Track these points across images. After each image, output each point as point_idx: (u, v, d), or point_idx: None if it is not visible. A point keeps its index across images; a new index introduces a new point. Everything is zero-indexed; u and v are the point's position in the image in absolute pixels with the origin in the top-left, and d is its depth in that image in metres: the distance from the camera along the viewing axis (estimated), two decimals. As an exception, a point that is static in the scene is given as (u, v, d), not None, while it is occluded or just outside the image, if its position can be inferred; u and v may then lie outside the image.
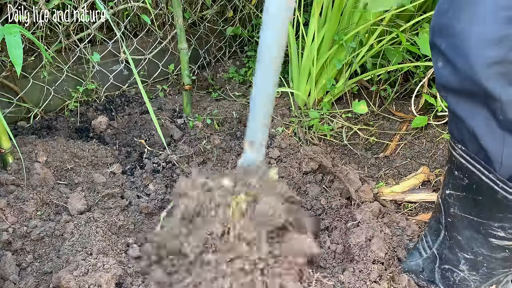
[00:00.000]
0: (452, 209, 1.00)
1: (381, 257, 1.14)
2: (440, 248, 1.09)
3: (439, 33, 0.83)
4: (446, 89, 0.87)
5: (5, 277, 1.09)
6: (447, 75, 0.83)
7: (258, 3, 2.26)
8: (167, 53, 2.04)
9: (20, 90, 1.68)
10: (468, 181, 0.93)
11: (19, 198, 1.27)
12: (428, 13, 1.65)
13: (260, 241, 0.70)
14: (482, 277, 1.03)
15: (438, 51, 0.84)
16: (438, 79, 0.87)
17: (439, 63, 0.85)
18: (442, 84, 0.87)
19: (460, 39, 0.78)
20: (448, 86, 0.85)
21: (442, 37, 0.82)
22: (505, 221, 0.91)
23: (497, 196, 0.88)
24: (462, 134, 0.90)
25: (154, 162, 1.55)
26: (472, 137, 0.87)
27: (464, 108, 0.85)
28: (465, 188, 0.95)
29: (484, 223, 0.94)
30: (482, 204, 0.92)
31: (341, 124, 1.82)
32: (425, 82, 1.80)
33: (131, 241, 1.21)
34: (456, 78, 0.81)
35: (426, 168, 1.58)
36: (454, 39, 0.79)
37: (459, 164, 0.93)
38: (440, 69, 0.85)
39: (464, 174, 0.93)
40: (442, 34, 0.82)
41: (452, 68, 0.82)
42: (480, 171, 0.89)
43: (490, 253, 0.98)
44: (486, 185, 0.89)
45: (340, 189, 1.44)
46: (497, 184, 0.87)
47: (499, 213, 0.91)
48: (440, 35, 0.83)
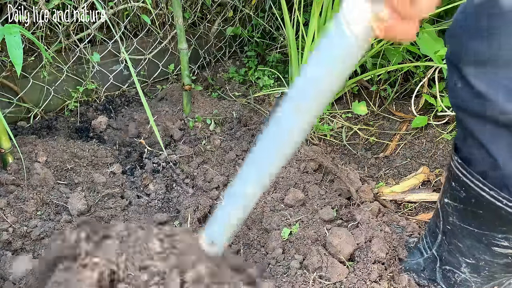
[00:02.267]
0: (451, 218, 0.97)
1: (382, 257, 1.14)
2: (439, 251, 1.08)
3: (459, 53, 0.75)
4: (462, 110, 0.80)
5: (5, 277, 1.09)
6: (467, 98, 0.76)
7: (258, 3, 2.26)
8: (167, 53, 2.04)
9: (20, 90, 1.68)
10: (466, 194, 0.88)
11: (19, 198, 1.27)
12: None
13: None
14: (483, 279, 1.03)
15: (458, 72, 0.76)
16: (455, 98, 0.80)
17: (458, 83, 0.77)
18: (458, 105, 0.80)
19: (490, 69, 0.70)
20: (465, 108, 0.78)
21: (464, 59, 0.74)
22: (509, 233, 0.87)
23: (501, 212, 0.83)
24: (470, 152, 0.84)
25: (154, 162, 1.55)
26: (485, 160, 0.81)
27: (483, 131, 0.78)
28: (463, 200, 0.90)
29: (487, 234, 0.90)
30: (483, 218, 0.88)
31: (341, 124, 1.82)
32: (425, 82, 1.80)
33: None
34: (479, 103, 0.74)
35: (426, 168, 1.58)
36: (481, 66, 0.71)
37: (456, 176, 0.89)
38: (459, 90, 0.77)
39: (461, 187, 0.88)
40: (463, 56, 0.74)
41: (474, 94, 0.74)
42: (480, 188, 0.84)
43: (492, 259, 0.96)
44: (487, 201, 0.84)
45: (340, 189, 1.44)
46: (501, 201, 0.82)
47: (503, 227, 0.87)
48: (460, 56, 0.74)
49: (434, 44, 1.62)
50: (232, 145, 1.67)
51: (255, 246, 1.30)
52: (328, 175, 1.50)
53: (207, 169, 1.56)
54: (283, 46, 2.19)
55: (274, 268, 1.15)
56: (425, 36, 1.63)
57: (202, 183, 1.50)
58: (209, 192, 1.48)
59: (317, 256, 1.14)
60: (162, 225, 0.61)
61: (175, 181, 1.50)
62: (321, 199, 1.40)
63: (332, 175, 1.48)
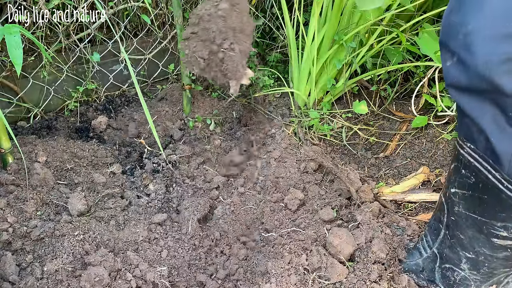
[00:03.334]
0: (457, 207, 1.01)
1: (382, 257, 1.14)
2: (441, 248, 1.09)
3: (449, 32, 0.83)
4: (454, 87, 0.87)
5: (5, 277, 1.09)
6: (456, 73, 0.84)
7: (258, 3, 2.26)
8: (167, 53, 2.04)
9: (20, 90, 1.68)
10: (475, 179, 0.93)
11: (19, 198, 1.27)
12: (428, 13, 1.65)
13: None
14: (483, 276, 1.04)
15: (448, 50, 0.84)
16: (447, 77, 0.87)
17: (448, 62, 0.85)
18: (451, 83, 0.87)
19: (471, 37, 0.78)
20: (457, 85, 0.86)
21: (452, 36, 0.82)
22: (508, 221, 0.92)
23: (502, 196, 0.89)
24: (471, 132, 0.90)
25: (154, 162, 1.55)
26: (481, 135, 0.88)
27: (473, 106, 0.86)
28: (471, 186, 0.95)
29: (487, 222, 0.95)
30: (487, 203, 0.93)
31: (341, 124, 1.82)
32: (425, 82, 1.80)
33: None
34: (466, 75, 0.82)
35: (426, 168, 1.58)
36: (465, 37, 0.79)
37: (467, 162, 0.94)
38: (449, 67, 0.85)
39: (472, 173, 0.94)
40: (452, 33, 0.82)
41: (461, 66, 0.82)
42: (487, 170, 0.89)
43: (491, 253, 0.99)
44: (492, 184, 0.89)
45: (340, 189, 1.44)
46: (502, 183, 0.87)
47: (503, 213, 0.91)
48: (450, 34, 0.83)
49: (434, 44, 1.62)
50: (232, 145, 1.67)
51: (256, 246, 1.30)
52: (328, 175, 1.50)
53: (207, 169, 1.56)
54: (283, 46, 2.19)
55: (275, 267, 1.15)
56: (425, 36, 1.63)
57: (202, 183, 1.50)
58: (209, 192, 1.48)
59: (317, 256, 1.14)
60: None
61: (175, 181, 1.50)
62: (321, 199, 1.40)
63: (332, 175, 1.48)
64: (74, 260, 1.14)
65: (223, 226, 1.36)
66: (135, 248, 1.24)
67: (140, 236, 1.27)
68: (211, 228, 1.37)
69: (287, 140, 1.58)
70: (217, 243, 1.33)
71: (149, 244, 1.26)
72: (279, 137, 1.59)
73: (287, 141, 1.58)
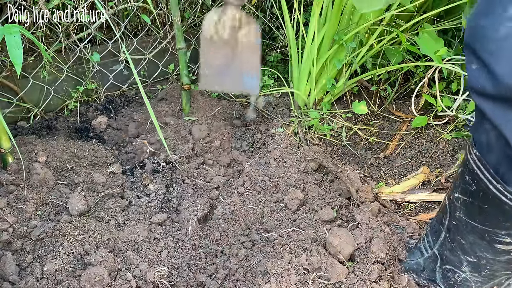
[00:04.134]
0: (458, 213, 0.99)
1: (382, 257, 1.14)
2: (441, 249, 1.09)
3: (475, 35, 0.79)
4: (479, 92, 0.83)
5: (5, 277, 1.09)
6: (482, 80, 0.80)
7: (258, 3, 2.26)
8: (167, 53, 2.04)
9: (20, 90, 1.68)
10: (476, 187, 0.91)
11: (19, 198, 1.27)
12: (428, 13, 1.65)
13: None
14: (484, 278, 1.03)
15: (473, 54, 0.80)
16: (471, 81, 0.83)
17: (473, 65, 0.81)
18: (474, 87, 0.83)
19: (501, 45, 0.74)
20: (481, 91, 0.82)
21: (479, 40, 0.78)
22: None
23: (505, 207, 0.86)
24: (487, 137, 0.87)
25: (154, 162, 1.55)
26: (500, 142, 0.84)
27: (498, 113, 0.81)
28: (472, 194, 0.93)
29: (490, 230, 0.92)
30: (488, 213, 0.91)
31: (341, 124, 1.82)
32: (425, 82, 1.80)
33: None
34: (492, 83, 0.78)
35: (426, 168, 1.58)
36: (494, 43, 0.75)
37: (471, 168, 0.92)
38: (474, 71, 0.81)
39: (473, 180, 0.92)
40: (479, 37, 0.78)
41: (488, 73, 0.78)
42: (488, 180, 0.87)
43: (494, 257, 0.97)
44: (493, 195, 0.87)
45: (340, 189, 1.44)
46: (506, 195, 0.85)
47: (506, 222, 0.89)
48: (476, 37, 0.79)
49: (434, 44, 1.62)
50: (232, 145, 1.67)
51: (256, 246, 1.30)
52: (328, 175, 1.50)
53: (207, 169, 1.56)
54: (283, 46, 2.19)
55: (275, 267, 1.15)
56: (425, 36, 1.63)
57: (202, 183, 1.50)
58: (209, 192, 1.48)
59: (317, 256, 1.14)
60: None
61: (175, 181, 1.50)
62: (321, 199, 1.40)
63: (332, 175, 1.48)
64: (74, 260, 1.14)
65: (223, 226, 1.36)
66: (135, 248, 1.24)
67: (140, 236, 1.27)
68: (211, 228, 1.37)
69: (287, 140, 1.58)
70: (217, 243, 1.33)
71: (149, 244, 1.26)
72: (279, 137, 1.59)
73: (287, 141, 1.58)
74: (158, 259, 1.23)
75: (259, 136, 1.66)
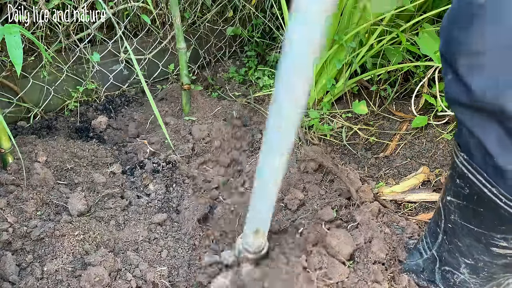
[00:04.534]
0: (453, 216, 0.98)
1: (382, 258, 1.14)
2: (439, 251, 1.08)
3: (449, 45, 0.77)
4: (455, 102, 0.82)
5: (5, 277, 1.09)
6: (457, 91, 0.79)
7: (258, 3, 2.26)
8: (167, 53, 2.04)
9: (20, 90, 1.68)
10: (469, 191, 0.89)
11: (19, 198, 1.27)
12: (428, 13, 1.65)
13: None
14: (482, 280, 1.03)
15: (449, 65, 0.79)
16: (447, 91, 0.83)
17: (448, 75, 0.80)
18: (451, 98, 0.82)
19: (475, 59, 0.71)
20: (457, 101, 0.81)
21: (453, 51, 0.76)
22: (508, 233, 0.88)
23: (500, 211, 0.85)
24: (468, 145, 0.86)
25: (154, 162, 1.55)
26: (480, 150, 0.83)
27: (475, 123, 0.80)
28: (466, 197, 0.91)
29: (486, 233, 0.91)
30: (483, 216, 0.89)
31: (341, 124, 1.82)
32: (425, 82, 1.80)
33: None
34: (467, 95, 0.76)
35: (426, 168, 1.58)
36: (470, 58, 0.72)
37: (461, 172, 0.90)
38: (451, 82, 0.80)
39: (466, 184, 0.90)
40: (453, 47, 0.76)
41: (464, 87, 0.76)
42: (481, 183, 0.85)
43: (491, 260, 0.96)
44: (488, 198, 0.85)
45: (340, 189, 1.44)
46: (501, 199, 0.83)
47: (502, 226, 0.88)
48: (450, 48, 0.77)
49: (434, 44, 1.62)
50: (232, 145, 1.67)
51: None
52: (328, 175, 1.50)
53: (207, 169, 1.56)
54: (283, 46, 2.19)
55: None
56: (425, 36, 1.63)
57: (202, 183, 1.50)
58: (209, 192, 1.48)
59: (318, 256, 1.14)
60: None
61: (175, 181, 1.50)
62: (321, 199, 1.40)
63: (332, 175, 1.48)
64: (74, 260, 1.14)
65: (223, 226, 1.36)
66: (135, 248, 1.24)
67: (140, 236, 1.27)
68: (211, 228, 1.37)
69: (287, 140, 1.58)
70: (217, 243, 1.33)
71: (149, 244, 1.26)
72: (279, 137, 1.59)
73: (287, 141, 1.58)
74: (158, 259, 1.23)
75: (259, 136, 1.66)
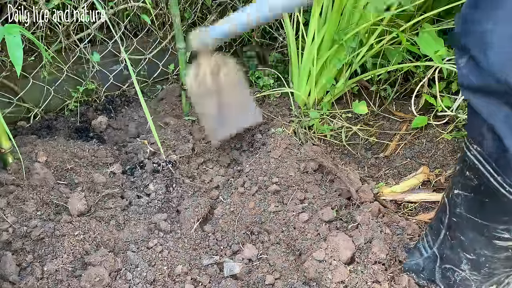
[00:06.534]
0: (458, 209, 1.00)
1: (382, 258, 1.14)
2: (441, 248, 1.09)
3: (464, 32, 0.82)
4: (466, 87, 0.86)
5: (5, 277, 1.09)
6: (469, 73, 0.83)
7: (258, 3, 2.26)
8: (167, 53, 2.04)
9: (20, 90, 1.68)
10: (477, 182, 0.93)
11: (19, 198, 1.27)
12: (428, 13, 1.64)
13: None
14: (483, 276, 1.03)
15: (462, 49, 0.83)
16: (460, 77, 0.87)
17: (460, 61, 0.84)
18: (463, 83, 0.86)
19: (488, 37, 0.76)
20: (469, 85, 0.85)
21: (467, 35, 0.81)
22: (510, 224, 0.91)
23: (503, 200, 0.88)
24: (481, 133, 0.89)
25: (154, 162, 1.55)
26: (490, 135, 0.86)
27: (485, 106, 0.84)
28: (473, 189, 0.95)
29: (489, 225, 0.94)
30: (488, 206, 0.92)
31: (341, 124, 1.82)
32: (425, 82, 1.80)
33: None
34: (478, 75, 0.81)
35: (426, 168, 1.58)
36: (481, 37, 0.77)
37: (472, 164, 0.93)
38: (462, 68, 0.84)
39: (475, 175, 0.93)
40: (467, 32, 0.81)
41: (474, 66, 0.81)
42: (489, 173, 0.89)
43: (493, 254, 0.98)
44: (493, 187, 0.89)
45: (340, 189, 1.44)
46: (504, 187, 0.86)
47: (505, 216, 0.91)
48: (465, 34, 0.81)
49: (434, 44, 1.62)
50: (232, 145, 1.67)
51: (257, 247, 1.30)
52: (328, 175, 1.50)
53: (207, 169, 1.56)
54: (283, 46, 2.19)
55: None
56: (425, 36, 1.63)
57: (202, 183, 1.50)
58: (209, 192, 1.48)
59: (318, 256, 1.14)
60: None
61: (175, 181, 1.50)
62: (321, 199, 1.40)
63: (332, 175, 1.48)
64: (74, 260, 1.14)
65: (223, 226, 1.36)
66: (135, 248, 1.24)
67: (140, 236, 1.27)
68: (211, 228, 1.37)
69: (287, 140, 1.58)
70: (217, 243, 1.33)
71: (149, 244, 1.26)
72: (279, 137, 1.59)
73: (287, 141, 1.58)
74: (158, 259, 1.23)
75: (259, 136, 1.66)
